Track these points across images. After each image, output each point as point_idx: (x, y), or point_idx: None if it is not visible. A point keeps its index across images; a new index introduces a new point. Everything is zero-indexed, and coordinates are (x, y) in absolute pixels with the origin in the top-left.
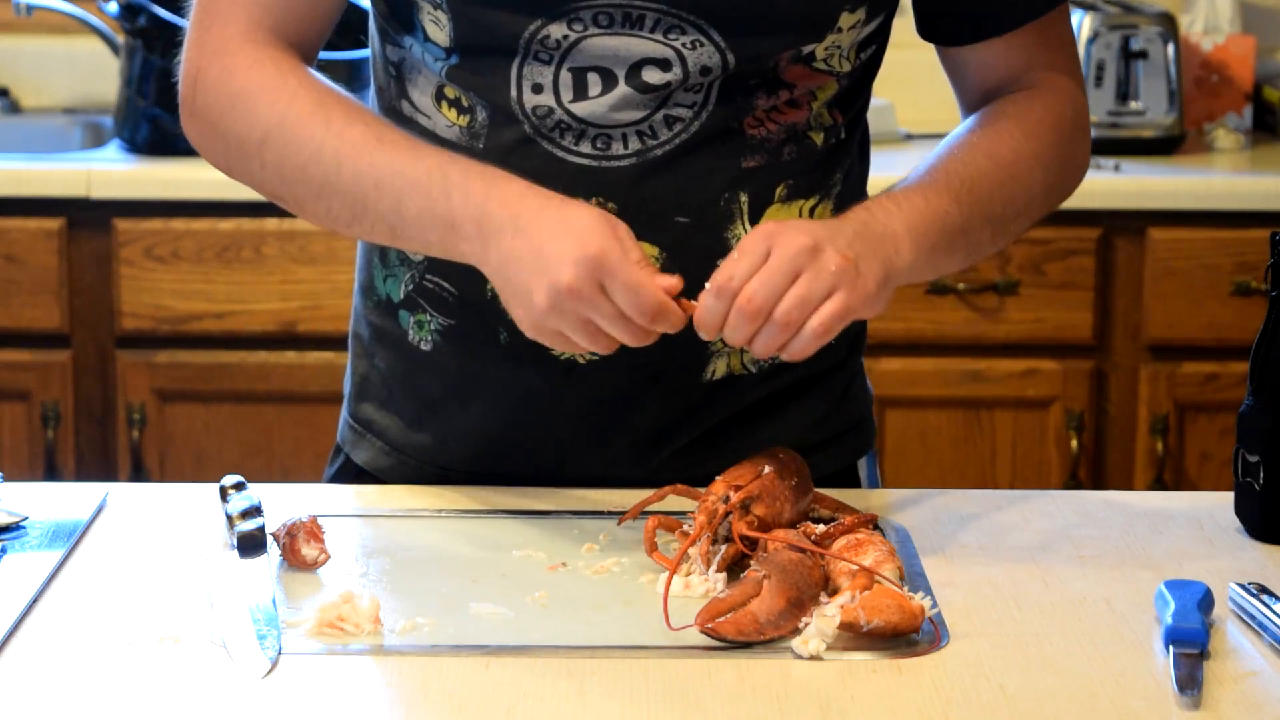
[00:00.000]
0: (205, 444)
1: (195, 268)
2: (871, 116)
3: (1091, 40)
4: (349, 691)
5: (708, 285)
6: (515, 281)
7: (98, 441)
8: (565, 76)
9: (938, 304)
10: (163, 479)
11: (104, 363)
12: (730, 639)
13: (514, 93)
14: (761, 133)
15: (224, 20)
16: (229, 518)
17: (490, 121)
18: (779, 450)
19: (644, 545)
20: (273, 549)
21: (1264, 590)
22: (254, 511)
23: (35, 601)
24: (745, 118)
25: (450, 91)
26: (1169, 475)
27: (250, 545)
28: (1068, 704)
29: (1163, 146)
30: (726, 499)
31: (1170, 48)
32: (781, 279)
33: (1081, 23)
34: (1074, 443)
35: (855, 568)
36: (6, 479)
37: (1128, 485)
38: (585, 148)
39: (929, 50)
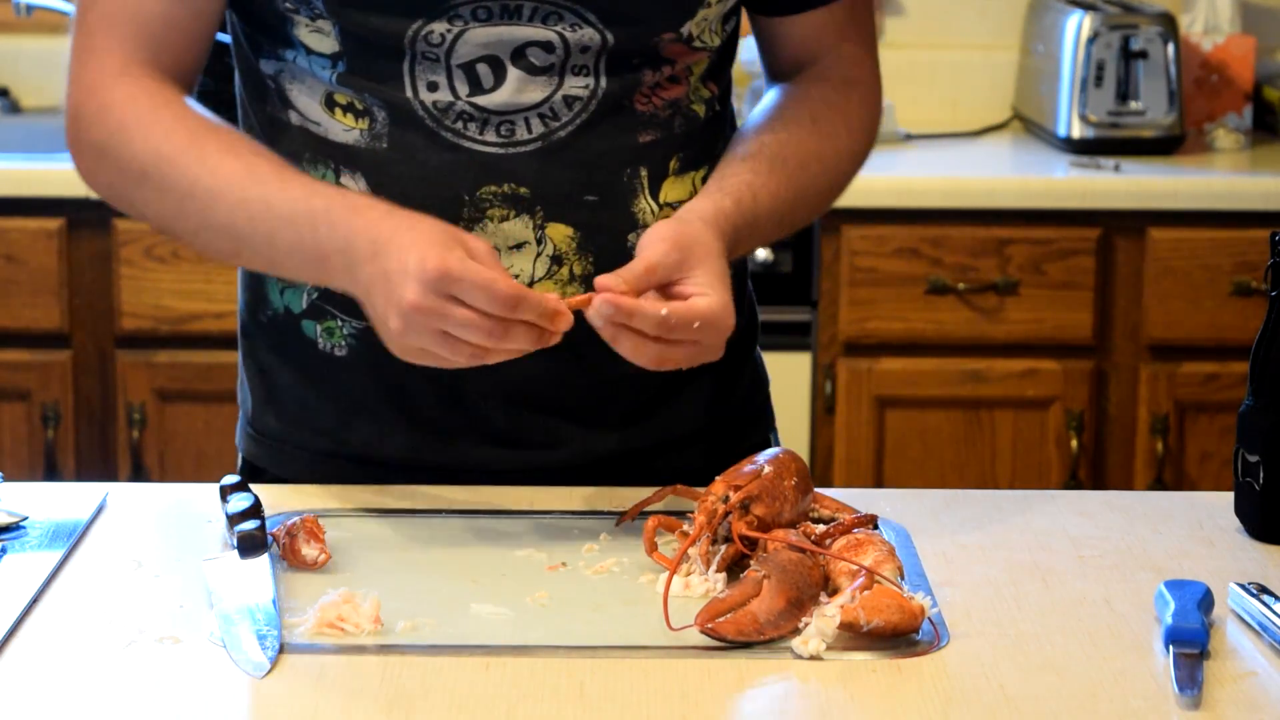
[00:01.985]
0: (205, 444)
1: (195, 268)
2: None
3: (1091, 40)
4: (349, 691)
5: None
6: (376, 307)
7: (98, 441)
8: (457, 73)
9: (938, 304)
10: (163, 479)
11: (104, 363)
12: (730, 639)
13: (409, 93)
14: (650, 108)
15: (99, 55)
16: (229, 518)
17: (391, 121)
18: (780, 450)
19: (644, 545)
20: (273, 549)
21: (1264, 590)
22: (254, 511)
23: (35, 601)
24: (634, 94)
25: (341, 98)
26: (1169, 475)
27: (250, 545)
28: (1068, 704)
29: (1163, 146)
30: (726, 499)
31: (1170, 48)
32: (683, 340)
33: (1081, 23)
34: (1074, 443)
35: (855, 568)
36: (6, 479)
37: (1128, 485)
38: (490, 135)
39: (929, 50)
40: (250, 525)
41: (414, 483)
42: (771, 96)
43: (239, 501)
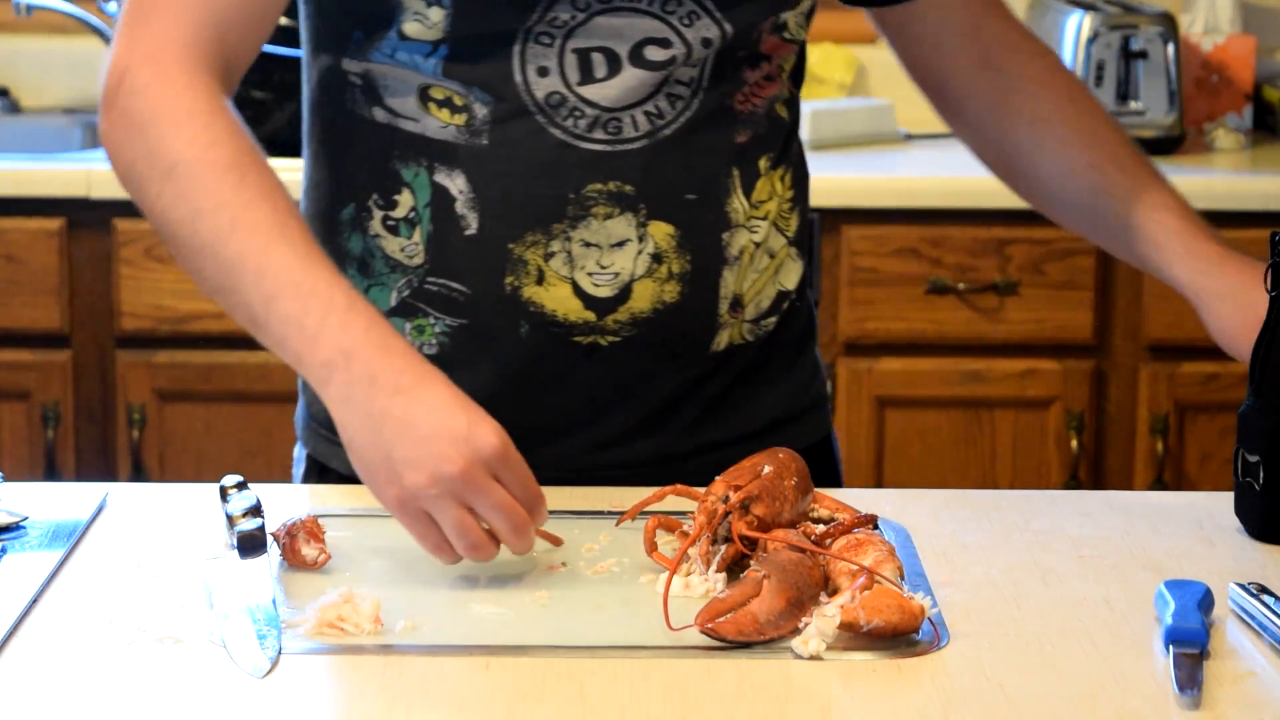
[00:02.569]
0: (205, 444)
1: None
2: (871, 116)
3: (1091, 40)
4: (349, 691)
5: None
6: (389, 445)
7: (98, 441)
8: (570, 58)
9: (938, 304)
10: (163, 479)
11: (104, 363)
12: (730, 639)
13: (519, 79)
14: (748, 108)
15: (165, 19)
16: (229, 518)
17: (493, 115)
18: (779, 450)
19: (644, 545)
20: (273, 549)
21: (1264, 590)
22: (254, 511)
23: (35, 601)
24: (735, 94)
25: (438, 92)
26: (1169, 475)
27: (250, 545)
28: (1068, 704)
29: (1163, 146)
30: (726, 499)
31: (1170, 48)
32: None
33: (1081, 23)
34: (1074, 443)
35: (855, 568)
36: (6, 479)
37: (1128, 485)
38: (598, 134)
39: None
40: (250, 525)
41: None
42: (1018, 136)
43: (239, 501)
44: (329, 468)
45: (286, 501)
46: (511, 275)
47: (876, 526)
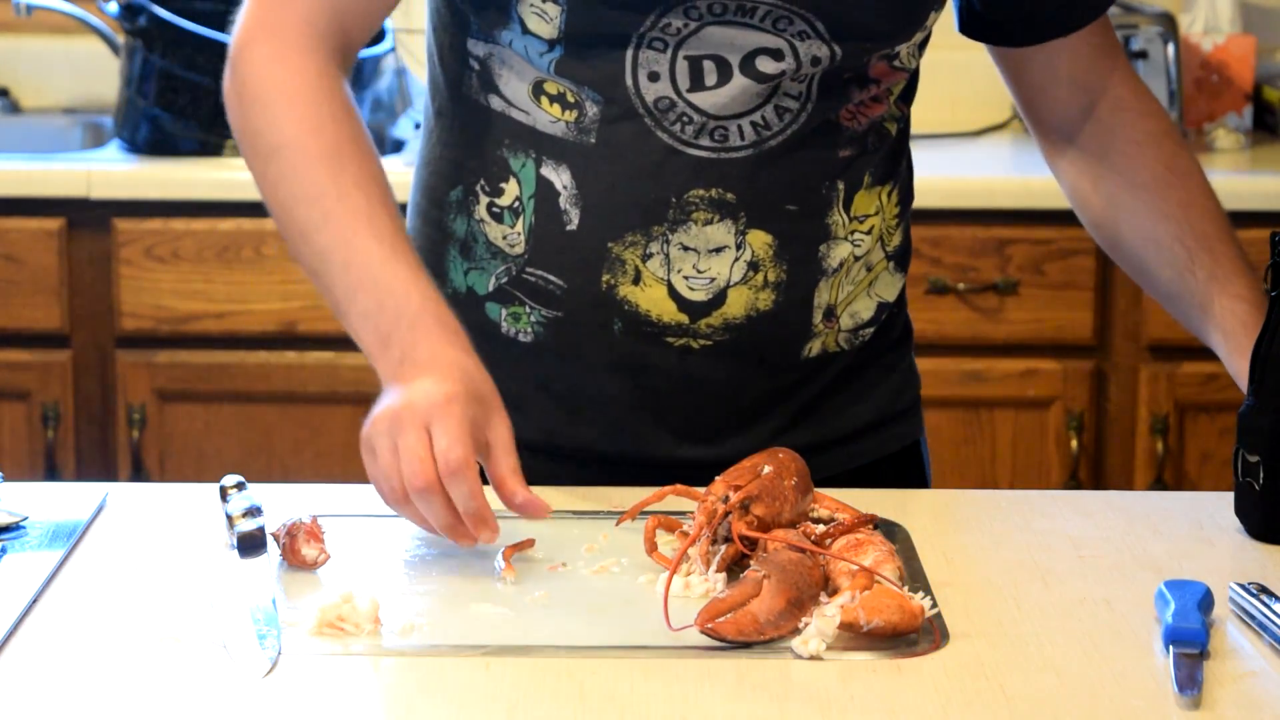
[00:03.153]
0: (205, 444)
1: (195, 268)
2: None
3: None
4: (349, 691)
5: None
6: (409, 382)
7: (98, 441)
8: (681, 64)
9: (938, 304)
10: (163, 479)
11: (104, 363)
12: (730, 639)
13: (630, 82)
14: (854, 125)
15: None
16: (229, 518)
17: (603, 116)
18: (779, 450)
19: (644, 545)
20: (273, 549)
21: (1264, 590)
22: (254, 511)
23: (35, 601)
24: (841, 110)
25: (552, 87)
26: (1169, 475)
27: (250, 545)
28: (1068, 704)
29: None
30: (726, 499)
31: (1170, 48)
32: None
33: None
34: (1074, 443)
35: (855, 568)
36: (6, 479)
37: (1128, 485)
38: (704, 140)
39: (929, 50)
40: (250, 525)
41: (582, 473)
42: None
43: (239, 501)
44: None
45: (287, 501)
46: (608, 273)
47: (876, 526)
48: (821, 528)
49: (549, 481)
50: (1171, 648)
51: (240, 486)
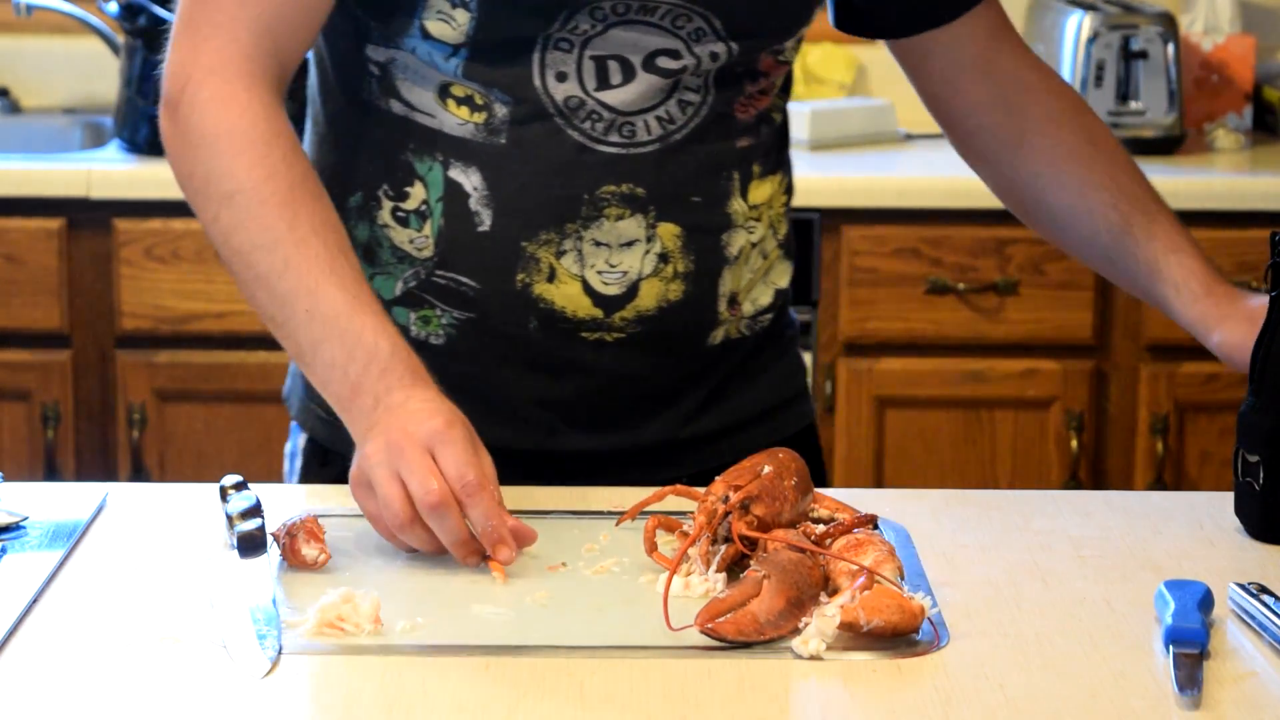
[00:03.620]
0: (205, 444)
1: (195, 268)
2: (871, 116)
3: (1091, 40)
4: (349, 691)
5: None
6: (389, 427)
7: (98, 441)
8: (588, 64)
9: (938, 304)
10: (163, 479)
11: (104, 363)
12: (730, 639)
13: (538, 83)
14: (746, 116)
15: (224, 33)
16: (229, 518)
17: (513, 116)
18: (779, 450)
19: (644, 545)
20: (273, 549)
21: (1264, 590)
22: (254, 511)
23: (35, 601)
24: (735, 104)
25: (459, 90)
26: (1169, 475)
27: (250, 545)
28: (1068, 704)
29: (1163, 146)
30: (726, 499)
31: (1170, 48)
32: None
33: (1081, 23)
34: (1074, 443)
35: (855, 568)
36: (6, 479)
37: (1128, 485)
38: (614, 137)
39: None
40: (250, 525)
41: (501, 473)
42: (1038, 166)
43: (239, 501)
44: (332, 450)
45: (287, 501)
46: (523, 272)
47: (876, 526)
48: (821, 528)
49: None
50: (1171, 648)
51: (240, 486)
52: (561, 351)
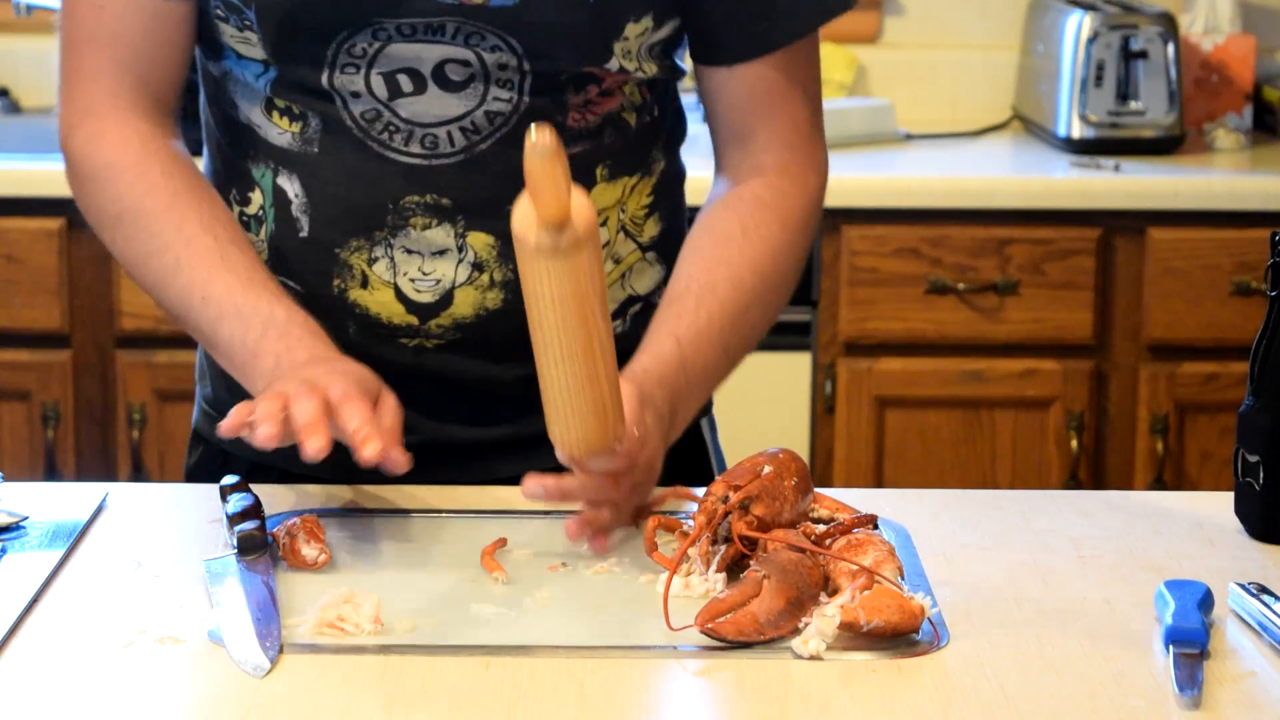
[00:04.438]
0: None
1: None
2: (871, 116)
3: (1091, 40)
4: (349, 691)
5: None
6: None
7: (98, 441)
8: (376, 80)
9: (938, 304)
10: (163, 479)
11: (104, 363)
12: (730, 639)
13: (336, 100)
14: (581, 124)
15: (88, 76)
16: (229, 518)
17: (323, 128)
18: (779, 450)
19: (644, 545)
20: (273, 549)
21: (1264, 590)
22: (254, 511)
23: (35, 601)
24: (568, 111)
25: (279, 101)
26: (1169, 475)
27: (250, 545)
28: (1068, 704)
29: (1163, 146)
30: (726, 499)
31: (1170, 48)
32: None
33: (1081, 23)
34: (1074, 443)
35: (855, 567)
36: (6, 479)
37: (1128, 485)
38: (415, 148)
39: (929, 50)
40: (250, 525)
41: (336, 463)
42: (705, 208)
43: (239, 501)
44: (231, 454)
45: (287, 501)
46: (339, 278)
47: (876, 526)
48: (822, 528)
49: (319, 469)
50: (1171, 648)
51: (240, 487)
52: (382, 356)
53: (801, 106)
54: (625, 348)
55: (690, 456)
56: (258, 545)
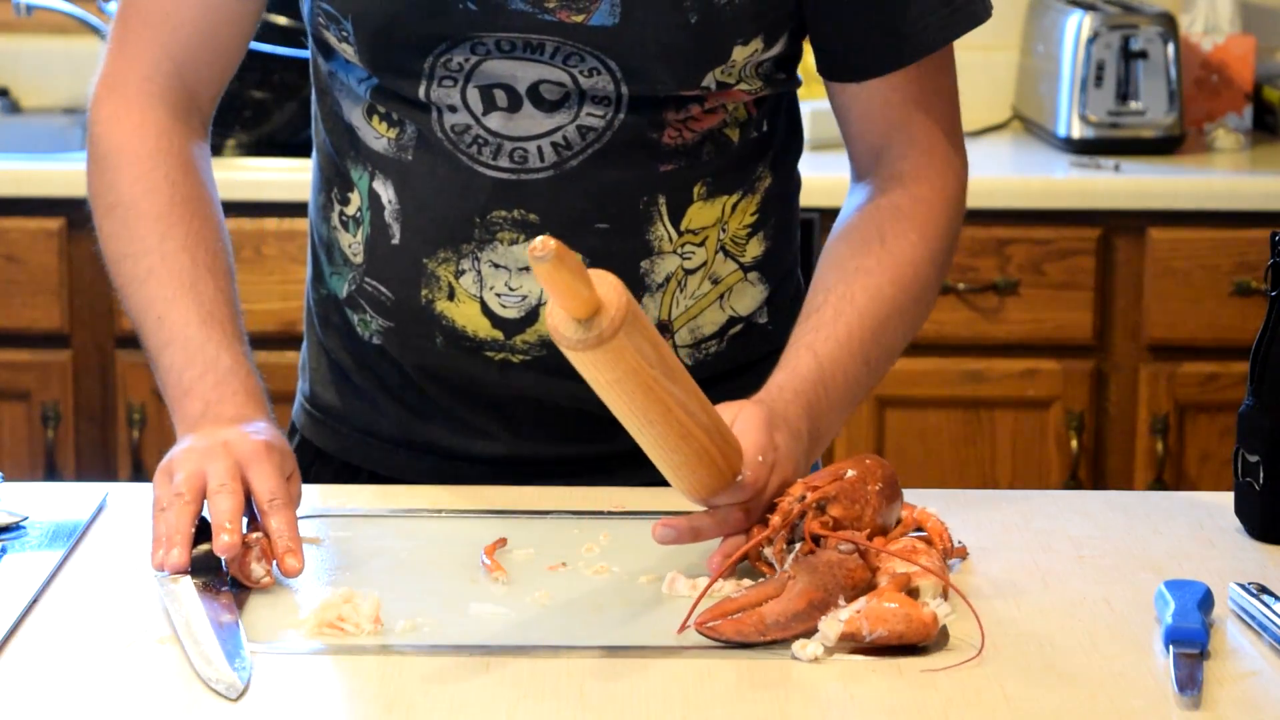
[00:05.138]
0: None
1: None
2: None
3: (1091, 40)
4: (349, 691)
5: (743, 478)
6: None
7: (98, 441)
8: (472, 93)
9: (938, 304)
10: None
11: (104, 363)
12: (729, 639)
13: (432, 112)
14: (678, 141)
15: (130, 53)
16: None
17: (418, 136)
18: (866, 456)
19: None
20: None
21: (1264, 590)
22: (207, 530)
23: (35, 601)
24: (664, 129)
25: (380, 107)
26: (1169, 475)
27: (205, 566)
28: (1067, 704)
29: (1163, 146)
30: (803, 498)
31: (1170, 48)
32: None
33: (1081, 23)
34: (1074, 443)
35: (896, 572)
36: (6, 479)
37: (1128, 485)
38: (504, 162)
39: None
40: (207, 545)
41: (441, 467)
42: (841, 217)
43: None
44: (325, 452)
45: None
46: (426, 289)
47: (964, 557)
48: (915, 534)
49: (407, 473)
50: (1171, 648)
51: None
52: (469, 369)
53: (938, 114)
54: (724, 370)
55: None
56: (214, 565)
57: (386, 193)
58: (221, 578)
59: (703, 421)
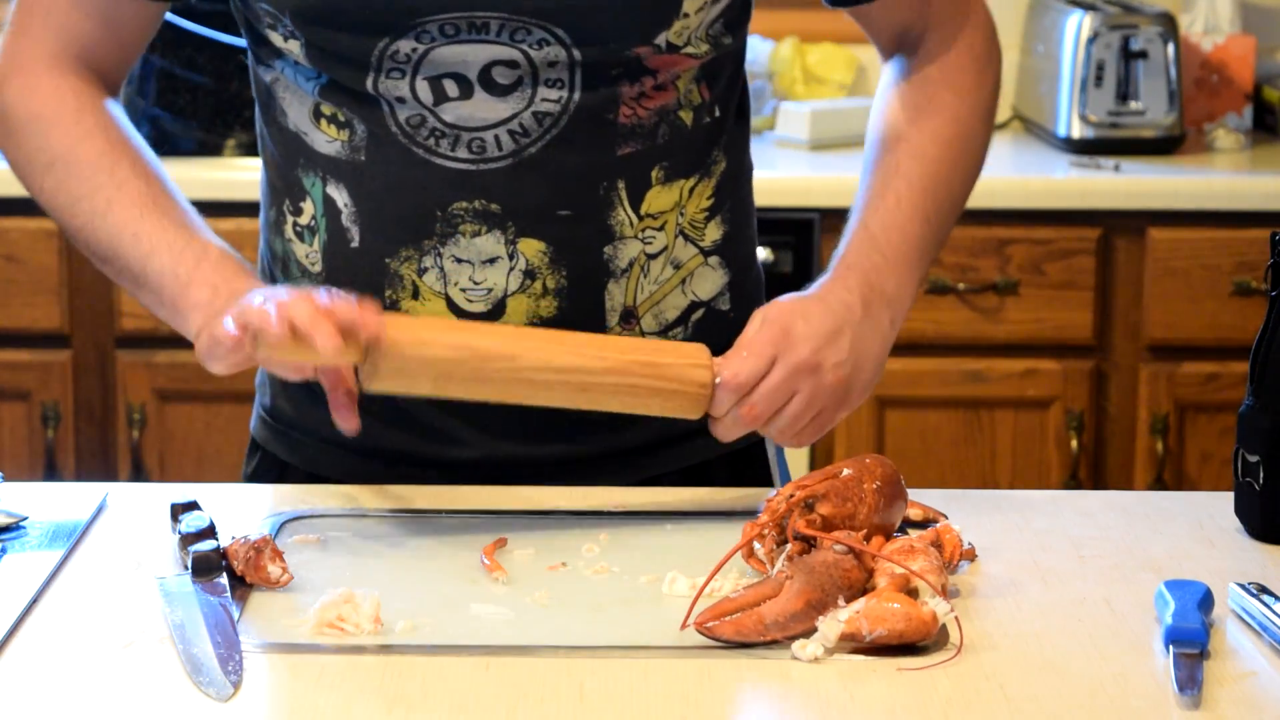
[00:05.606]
0: (205, 444)
1: None
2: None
3: (1091, 40)
4: (349, 691)
5: (720, 379)
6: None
7: (98, 441)
8: (421, 85)
9: (938, 304)
10: (163, 479)
11: (104, 363)
12: (727, 639)
13: (383, 106)
14: (633, 120)
15: (33, 38)
16: (181, 537)
17: (369, 135)
18: (868, 455)
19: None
20: (239, 566)
21: (1264, 590)
22: (209, 532)
23: (35, 601)
24: (619, 107)
25: (327, 109)
26: (1169, 475)
27: (205, 567)
28: (1068, 704)
29: (1163, 146)
30: (791, 496)
31: (1170, 48)
32: (780, 397)
33: (1081, 23)
34: (1074, 443)
35: (895, 572)
36: (6, 479)
37: (1128, 485)
38: (461, 153)
39: None
40: (207, 546)
41: (408, 474)
42: (876, 102)
43: (192, 522)
44: (289, 464)
45: (287, 501)
46: (390, 289)
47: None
48: (916, 532)
49: (378, 482)
50: (1171, 648)
51: (192, 506)
52: None
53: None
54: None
55: (750, 468)
56: (213, 567)
57: (341, 196)
58: (221, 578)
59: (633, 355)
